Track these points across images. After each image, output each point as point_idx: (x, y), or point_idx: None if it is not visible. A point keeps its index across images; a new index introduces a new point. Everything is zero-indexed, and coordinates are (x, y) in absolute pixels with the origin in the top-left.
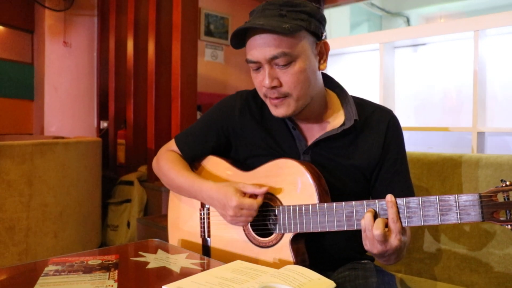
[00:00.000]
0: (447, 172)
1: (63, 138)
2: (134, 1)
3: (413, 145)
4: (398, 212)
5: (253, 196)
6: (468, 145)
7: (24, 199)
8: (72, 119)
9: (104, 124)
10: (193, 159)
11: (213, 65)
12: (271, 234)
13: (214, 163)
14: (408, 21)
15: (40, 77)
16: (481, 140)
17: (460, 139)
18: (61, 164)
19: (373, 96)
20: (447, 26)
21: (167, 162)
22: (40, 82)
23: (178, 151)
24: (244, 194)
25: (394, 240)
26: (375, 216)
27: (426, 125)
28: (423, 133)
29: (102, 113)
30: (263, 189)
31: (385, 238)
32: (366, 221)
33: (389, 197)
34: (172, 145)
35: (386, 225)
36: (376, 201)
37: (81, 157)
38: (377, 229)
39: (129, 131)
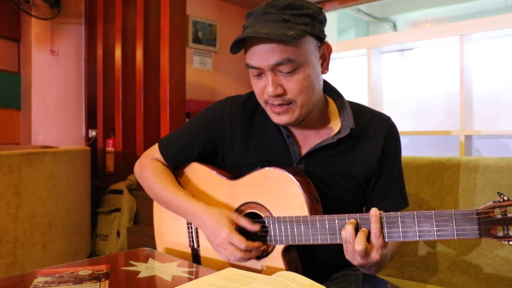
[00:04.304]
0: (436, 175)
1: (51, 147)
2: (121, 9)
3: (402, 149)
4: (382, 227)
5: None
6: (456, 148)
7: (12, 210)
8: (60, 128)
9: (92, 133)
10: (176, 166)
11: (202, 72)
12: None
13: (198, 171)
14: (394, 26)
15: (27, 86)
16: (468, 143)
17: (448, 142)
18: (49, 173)
19: (362, 101)
20: (433, 31)
21: (153, 175)
22: (27, 91)
23: (161, 157)
24: (236, 225)
25: (375, 255)
26: (356, 227)
27: (414, 129)
28: (412, 137)
29: (91, 122)
30: (255, 227)
31: (366, 253)
32: (347, 233)
33: (374, 211)
34: (155, 151)
35: (368, 238)
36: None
37: (69, 166)
38: (359, 245)
39: (117, 139)
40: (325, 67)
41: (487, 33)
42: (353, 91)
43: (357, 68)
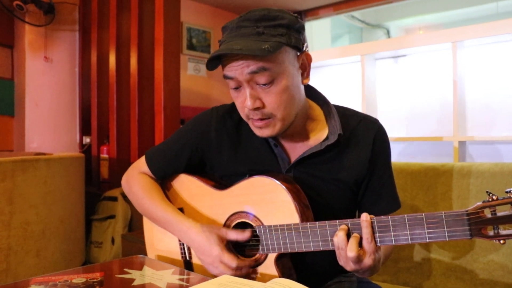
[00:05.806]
0: (430, 181)
1: (44, 154)
2: (115, 16)
3: (395, 155)
4: (373, 232)
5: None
6: (449, 154)
7: (5, 218)
8: (54, 135)
9: (86, 140)
10: (163, 178)
11: (196, 79)
12: (254, 253)
13: (187, 182)
14: (388, 33)
15: (21, 92)
16: (462, 149)
17: (442, 148)
18: (43, 180)
19: (356, 107)
20: (426, 38)
21: (141, 189)
22: (20, 98)
23: (148, 170)
24: (227, 241)
25: (368, 260)
26: (348, 233)
27: (408, 135)
28: (405, 143)
29: (85, 129)
30: (246, 235)
31: (359, 259)
32: (339, 240)
33: (364, 216)
34: (142, 164)
35: (360, 243)
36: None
37: (63, 173)
38: (351, 251)
39: (112, 146)
40: (305, 77)
41: (479, 40)
42: (347, 98)
43: (351, 75)
